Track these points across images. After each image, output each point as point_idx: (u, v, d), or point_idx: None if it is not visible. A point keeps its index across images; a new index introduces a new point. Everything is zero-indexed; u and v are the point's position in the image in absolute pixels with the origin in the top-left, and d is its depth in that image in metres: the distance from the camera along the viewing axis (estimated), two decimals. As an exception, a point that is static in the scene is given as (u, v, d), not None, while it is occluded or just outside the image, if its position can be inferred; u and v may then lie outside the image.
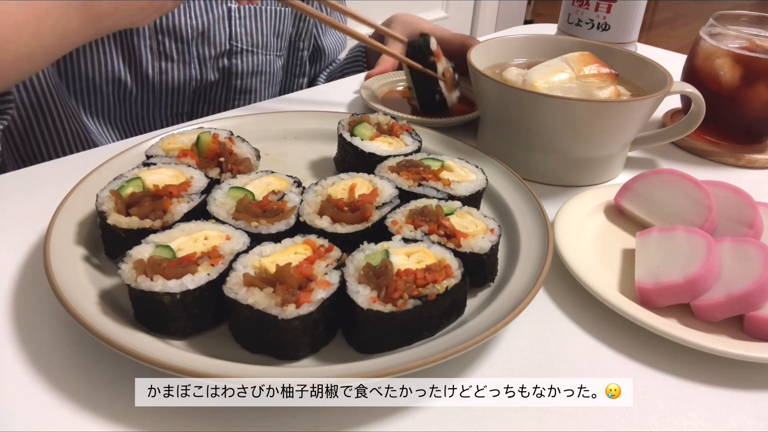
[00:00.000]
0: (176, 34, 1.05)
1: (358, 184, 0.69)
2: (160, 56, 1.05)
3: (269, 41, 1.18)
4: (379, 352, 0.54)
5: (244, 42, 1.14)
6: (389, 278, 0.54)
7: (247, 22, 1.13)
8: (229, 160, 0.73)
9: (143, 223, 0.61)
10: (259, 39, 1.16)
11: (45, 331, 0.57)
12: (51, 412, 0.49)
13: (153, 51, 1.04)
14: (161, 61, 1.06)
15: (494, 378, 0.55)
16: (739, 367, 0.57)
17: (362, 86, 1.04)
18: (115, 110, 1.08)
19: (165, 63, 1.06)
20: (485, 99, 0.85)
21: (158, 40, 1.04)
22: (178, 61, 1.07)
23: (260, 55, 1.17)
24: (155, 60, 1.05)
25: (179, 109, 1.14)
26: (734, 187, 0.72)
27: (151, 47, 1.04)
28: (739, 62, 0.90)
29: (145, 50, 1.04)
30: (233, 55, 1.14)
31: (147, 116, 1.12)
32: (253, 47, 1.16)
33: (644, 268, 0.64)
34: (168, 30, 1.04)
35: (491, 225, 0.64)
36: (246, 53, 1.15)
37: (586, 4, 1.05)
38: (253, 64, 1.17)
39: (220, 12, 1.09)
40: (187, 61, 1.08)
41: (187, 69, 1.09)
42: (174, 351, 0.52)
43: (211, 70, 1.12)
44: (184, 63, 1.08)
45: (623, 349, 0.59)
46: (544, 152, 0.83)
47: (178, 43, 1.06)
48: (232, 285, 0.53)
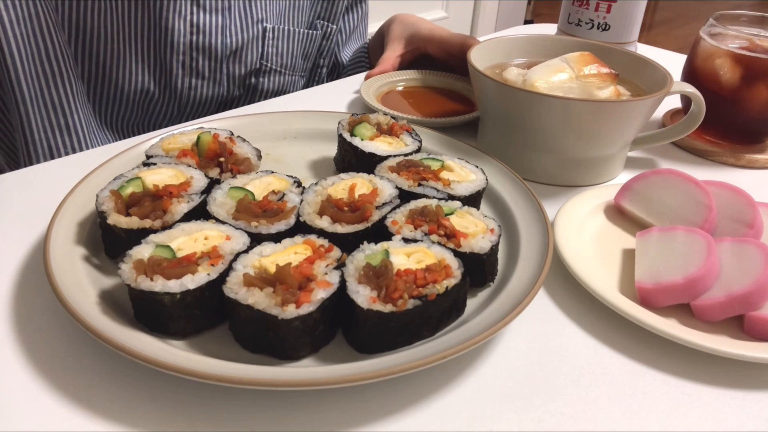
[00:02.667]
0: (210, 53, 1.06)
1: (358, 184, 0.69)
2: (191, 73, 1.06)
3: (297, 62, 1.20)
4: (379, 352, 0.54)
5: (274, 62, 1.15)
6: (389, 278, 0.54)
7: (279, 43, 1.14)
8: (229, 160, 0.73)
9: (143, 223, 0.61)
10: (288, 60, 1.17)
11: (45, 331, 0.57)
12: (51, 412, 0.49)
13: (185, 67, 1.05)
14: (192, 77, 1.06)
15: (494, 378, 0.55)
16: (739, 367, 0.57)
17: (362, 86, 1.04)
18: (135, 117, 1.09)
19: (196, 80, 1.07)
20: (485, 99, 0.85)
21: (192, 57, 1.04)
22: (209, 78, 1.08)
23: (286, 76, 1.19)
24: (186, 76, 1.06)
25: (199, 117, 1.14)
26: (734, 187, 0.72)
27: (184, 63, 1.04)
28: (739, 62, 0.90)
29: (177, 66, 1.04)
30: (261, 74, 1.15)
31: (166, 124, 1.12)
32: (282, 68, 1.17)
33: (644, 268, 0.64)
34: (203, 48, 1.04)
35: (491, 225, 0.64)
36: (273, 73, 1.16)
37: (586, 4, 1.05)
38: (278, 84, 1.18)
39: (254, 32, 1.10)
40: (218, 80, 1.09)
41: (217, 86, 1.10)
42: (174, 351, 0.52)
43: (239, 88, 1.13)
44: (215, 81, 1.09)
45: (623, 349, 0.59)
46: (543, 152, 0.83)
47: (211, 62, 1.07)
48: (232, 285, 0.53)
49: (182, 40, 1.02)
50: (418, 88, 1.10)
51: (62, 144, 1.00)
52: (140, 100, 1.06)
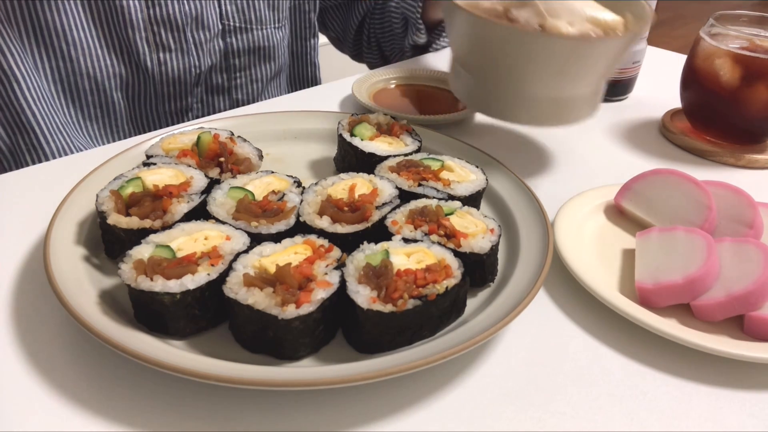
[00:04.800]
0: (170, 23, 1.04)
1: (358, 184, 0.69)
2: (157, 47, 1.04)
3: (264, 15, 1.16)
4: (379, 352, 0.54)
5: (236, 19, 1.12)
6: (389, 278, 0.54)
7: (238, 0, 1.12)
8: (229, 160, 0.73)
9: (143, 223, 0.61)
10: (251, 15, 1.14)
11: (45, 331, 0.57)
12: (51, 412, 0.49)
13: (150, 42, 1.03)
14: (159, 52, 1.05)
15: (494, 378, 0.55)
16: (739, 367, 0.57)
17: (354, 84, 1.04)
18: (122, 111, 1.08)
19: (163, 54, 1.05)
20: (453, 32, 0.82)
21: (153, 31, 1.03)
22: (176, 50, 1.06)
23: (255, 31, 1.15)
24: (153, 52, 1.04)
25: (185, 103, 1.13)
26: (734, 187, 0.72)
27: (147, 39, 1.03)
28: (739, 62, 0.90)
29: (141, 42, 1.02)
30: (227, 35, 1.12)
31: (153, 114, 1.11)
32: (247, 23, 1.14)
33: (644, 268, 0.64)
34: (162, 19, 1.03)
35: (491, 225, 0.64)
36: (240, 30, 1.13)
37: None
38: (249, 41, 1.15)
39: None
40: (185, 50, 1.07)
41: (186, 57, 1.08)
42: (174, 351, 0.52)
43: (208, 54, 1.11)
44: (182, 51, 1.07)
45: (623, 349, 0.59)
46: (512, 90, 0.79)
47: (174, 32, 1.05)
48: (232, 285, 0.53)
49: (139, 15, 1.00)
50: (410, 86, 1.11)
51: (23, 143, 0.99)
52: (117, 87, 1.04)
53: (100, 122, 1.07)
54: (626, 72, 1.10)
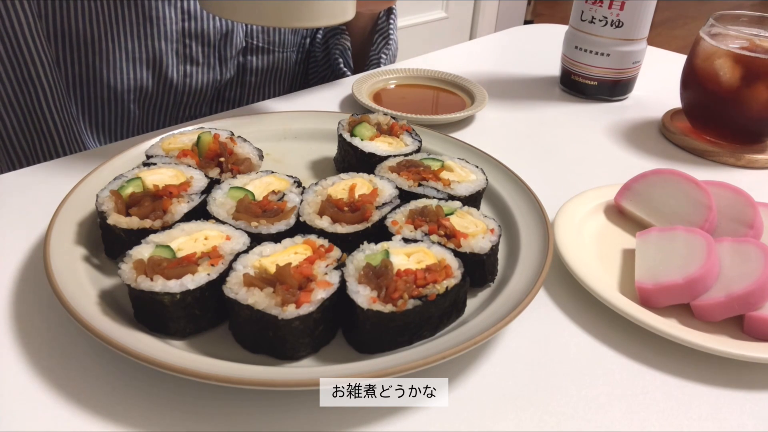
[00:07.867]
0: (203, 38, 1.05)
1: (358, 184, 0.69)
2: (185, 60, 1.05)
3: (286, 38, 1.18)
4: (379, 352, 0.54)
5: (260, 39, 1.14)
6: (389, 278, 0.54)
7: None
8: (229, 160, 0.73)
9: (143, 223, 0.61)
10: (275, 37, 1.16)
11: (45, 331, 0.57)
12: (51, 412, 0.49)
13: (179, 55, 1.04)
14: (186, 65, 1.06)
15: (494, 378, 0.55)
16: (739, 367, 0.57)
17: (354, 84, 1.04)
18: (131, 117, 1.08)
19: (190, 67, 1.06)
20: None
21: (185, 44, 1.04)
22: (202, 64, 1.07)
23: (276, 53, 1.17)
24: (180, 64, 1.05)
25: (197, 111, 1.14)
26: (734, 187, 0.72)
27: (177, 51, 1.04)
28: (739, 62, 0.90)
29: (171, 55, 1.03)
30: (248, 53, 1.14)
31: (164, 122, 1.12)
32: (270, 45, 1.15)
33: (644, 268, 0.65)
34: (195, 33, 1.04)
35: (491, 225, 0.64)
36: (261, 51, 1.15)
37: (600, 2, 1.04)
38: (267, 62, 1.17)
39: None
40: (212, 64, 1.09)
41: (210, 71, 1.09)
42: (174, 351, 0.52)
43: (229, 70, 1.13)
44: (208, 66, 1.08)
45: (623, 349, 0.59)
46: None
47: (204, 46, 1.06)
48: (232, 285, 0.53)
49: (174, 27, 1.01)
50: (410, 86, 1.11)
51: (39, 148, 0.99)
52: (134, 99, 1.05)
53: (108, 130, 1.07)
54: (626, 72, 1.10)
